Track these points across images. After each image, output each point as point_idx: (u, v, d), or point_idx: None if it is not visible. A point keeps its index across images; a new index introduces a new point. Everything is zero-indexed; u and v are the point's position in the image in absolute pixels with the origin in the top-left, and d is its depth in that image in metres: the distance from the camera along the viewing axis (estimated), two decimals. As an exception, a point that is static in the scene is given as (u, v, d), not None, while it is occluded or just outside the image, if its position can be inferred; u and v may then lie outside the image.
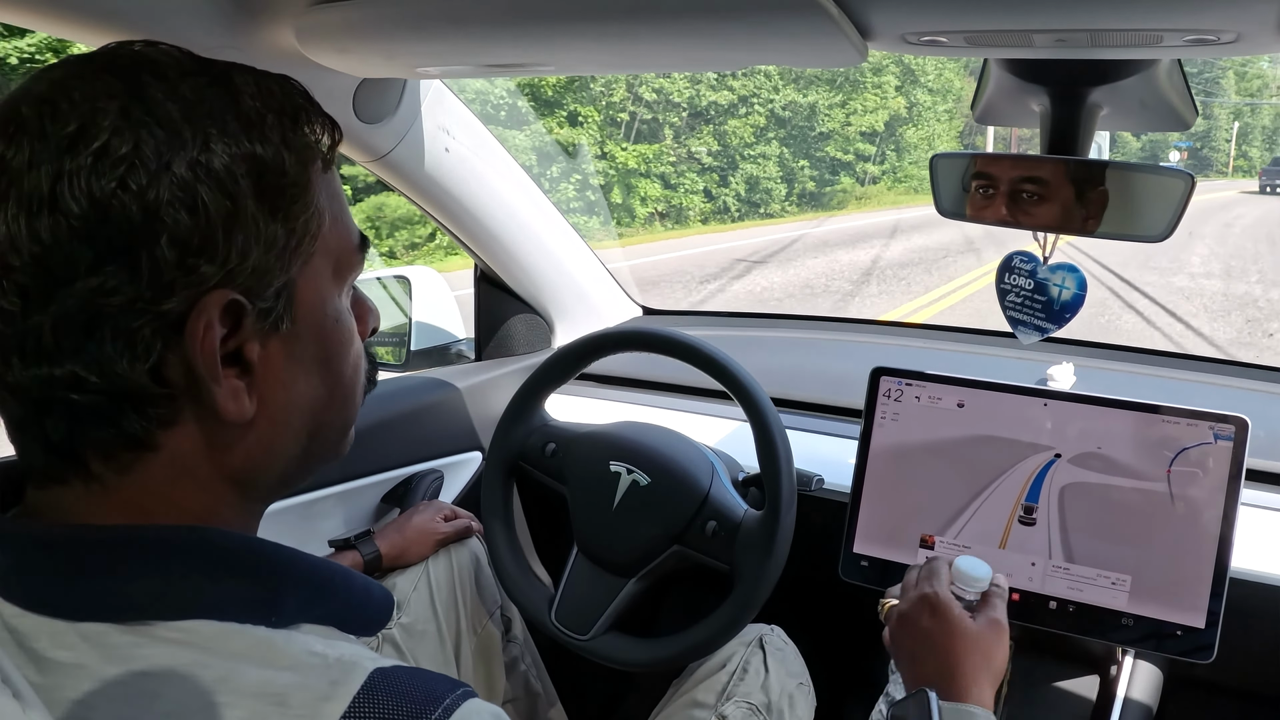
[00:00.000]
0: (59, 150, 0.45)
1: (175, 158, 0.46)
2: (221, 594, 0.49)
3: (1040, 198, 0.95)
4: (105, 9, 0.84)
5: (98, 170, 0.45)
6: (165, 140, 0.46)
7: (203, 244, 0.47)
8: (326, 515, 1.30)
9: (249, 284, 0.49)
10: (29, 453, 0.50)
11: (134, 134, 0.45)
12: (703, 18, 0.75)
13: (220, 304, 0.48)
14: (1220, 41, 0.68)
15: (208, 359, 0.48)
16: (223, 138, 0.48)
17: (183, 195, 0.46)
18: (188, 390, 0.49)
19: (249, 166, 0.48)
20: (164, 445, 0.50)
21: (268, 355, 0.52)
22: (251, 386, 0.51)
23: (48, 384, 0.47)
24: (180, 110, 0.47)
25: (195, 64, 0.51)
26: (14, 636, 0.47)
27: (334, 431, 0.59)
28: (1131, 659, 1.14)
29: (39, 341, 0.46)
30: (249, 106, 0.50)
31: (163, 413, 0.49)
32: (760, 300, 10.06)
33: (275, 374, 0.52)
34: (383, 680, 0.48)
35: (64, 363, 0.46)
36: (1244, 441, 1.05)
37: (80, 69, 0.48)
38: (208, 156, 0.47)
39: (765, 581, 1.07)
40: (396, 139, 1.24)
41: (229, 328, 0.49)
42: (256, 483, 0.55)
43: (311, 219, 0.52)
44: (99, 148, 0.45)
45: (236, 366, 0.50)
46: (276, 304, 0.51)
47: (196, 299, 0.47)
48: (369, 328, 0.63)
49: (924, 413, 1.20)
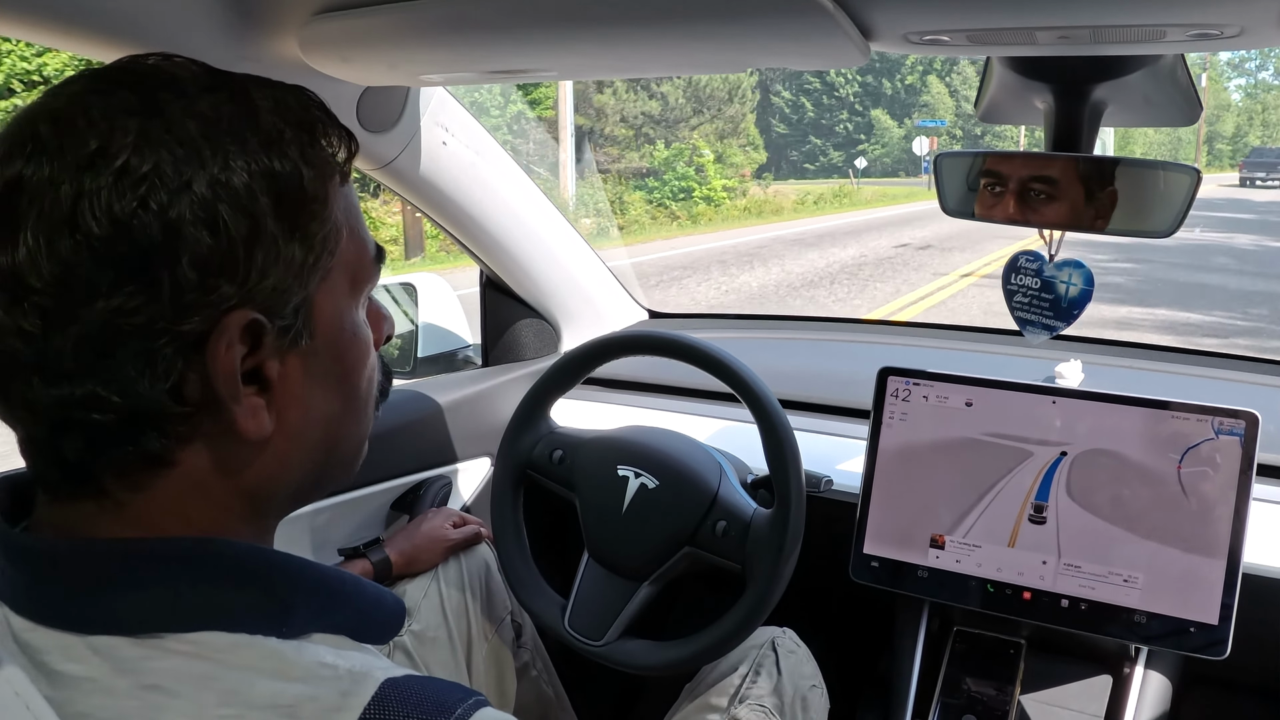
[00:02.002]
0: (79, 169, 0.44)
1: (195, 176, 0.46)
2: (231, 605, 0.49)
3: (1049, 196, 0.95)
4: (107, 22, 0.84)
5: (118, 189, 0.44)
6: (185, 159, 0.46)
7: (224, 263, 0.46)
8: (335, 523, 1.30)
9: (269, 302, 0.49)
10: (44, 470, 0.50)
11: (154, 152, 0.45)
12: (703, 20, 0.75)
13: (241, 323, 0.48)
14: (1223, 36, 0.67)
15: (228, 378, 0.48)
16: (242, 155, 0.47)
17: (204, 214, 0.46)
18: (206, 408, 0.48)
19: (268, 184, 0.48)
20: (180, 462, 0.49)
21: (286, 372, 0.51)
22: (270, 404, 0.51)
23: (68, 404, 0.46)
24: (199, 128, 0.47)
25: (212, 79, 0.50)
26: (25, 650, 0.47)
27: (350, 446, 0.59)
28: (1144, 656, 1.14)
29: (60, 362, 0.45)
30: (267, 122, 0.50)
31: (181, 430, 0.48)
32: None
33: (294, 391, 0.52)
34: (394, 690, 0.48)
35: (84, 383, 0.46)
36: (1254, 436, 1.04)
37: (96, 84, 0.48)
38: (228, 175, 0.47)
39: (777, 580, 1.07)
40: (401, 146, 1.24)
41: (249, 346, 0.49)
42: (271, 498, 0.55)
43: (330, 235, 0.52)
44: (120, 167, 0.44)
45: (256, 384, 0.50)
46: (295, 321, 0.51)
47: (218, 319, 0.47)
48: (383, 334, 0.63)
49: (932, 412, 1.20)
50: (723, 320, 1.97)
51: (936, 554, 1.17)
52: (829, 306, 9.16)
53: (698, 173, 20.36)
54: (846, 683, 1.32)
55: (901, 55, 0.91)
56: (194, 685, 0.45)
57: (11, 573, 0.49)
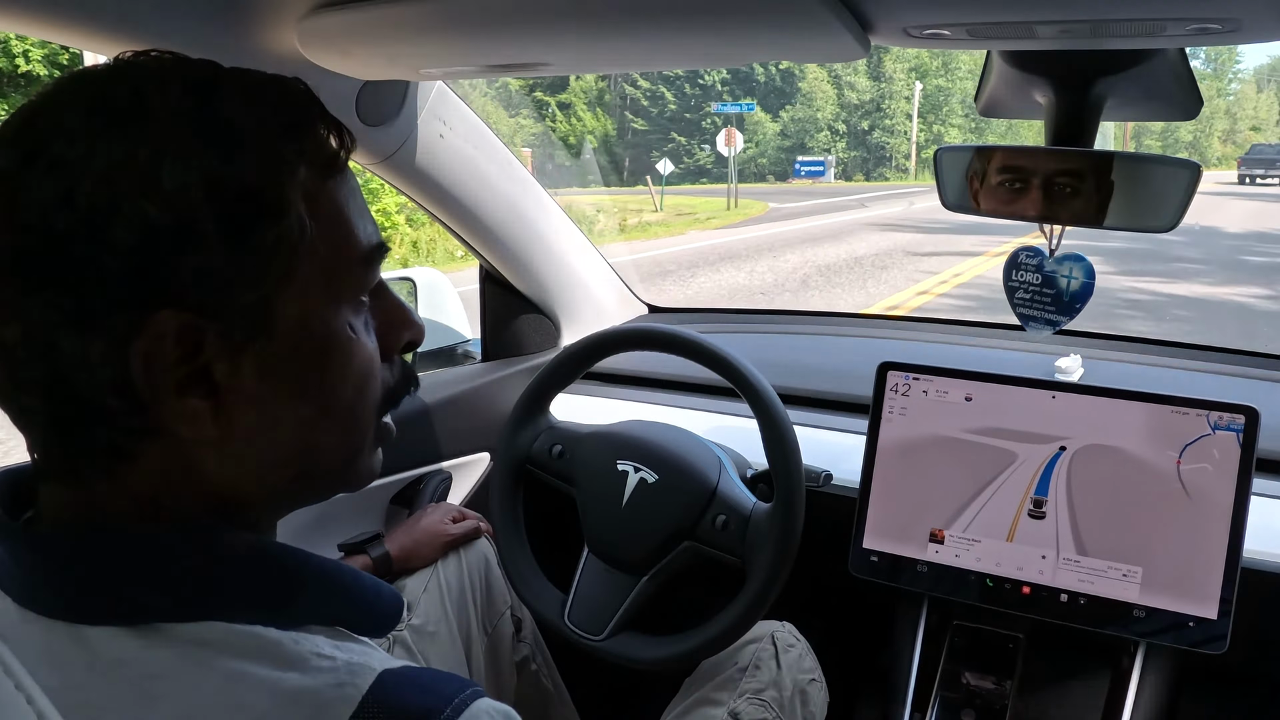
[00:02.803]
0: (19, 164, 0.45)
1: (126, 174, 0.45)
2: (230, 596, 0.49)
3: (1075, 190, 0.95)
4: (105, 17, 0.84)
5: (49, 184, 0.45)
6: (122, 155, 0.45)
7: (146, 264, 0.45)
8: (335, 518, 1.30)
9: (206, 304, 0.47)
10: (38, 458, 0.51)
11: (87, 146, 0.45)
12: (704, 14, 0.75)
13: (171, 325, 0.46)
14: (1223, 30, 0.67)
15: (152, 380, 0.47)
16: (184, 154, 0.46)
17: (130, 213, 0.45)
18: (153, 405, 0.48)
19: (209, 183, 0.46)
20: (142, 456, 0.49)
21: (239, 375, 0.49)
22: (220, 407, 0.49)
23: (25, 391, 0.47)
24: (141, 123, 0.46)
25: (177, 71, 0.49)
26: (25, 640, 0.47)
27: (332, 454, 0.56)
28: (1144, 651, 1.14)
29: (13, 351, 0.46)
30: (225, 118, 0.48)
31: (131, 424, 0.48)
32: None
33: (247, 393, 0.50)
34: (391, 681, 0.48)
35: (33, 373, 0.46)
36: (1254, 431, 1.04)
37: (71, 82, 0.48)
38: (164, 174, 0.45)
39: (777, 574, 1.07)
40: (400, 141, 1.24)
41: (188, 349, 0.47)
42: (247, 500, 0.53)
43: (287, 234, 0.50)
44: (51, 160, 0.45)
45: (204, 385, 0.49)
46: (243, 323, 0.49)
47: (140, 320, 0.46)
48: (400, 339, 0.59)
49: (932, 407, 1.20)
50: (722, 315, 1.97)
51: (936, 549, 1.17)
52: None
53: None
54: (846, 677, 1.32)
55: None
56: (193, 675, 0.46)
57: (11, 564, 0.49)
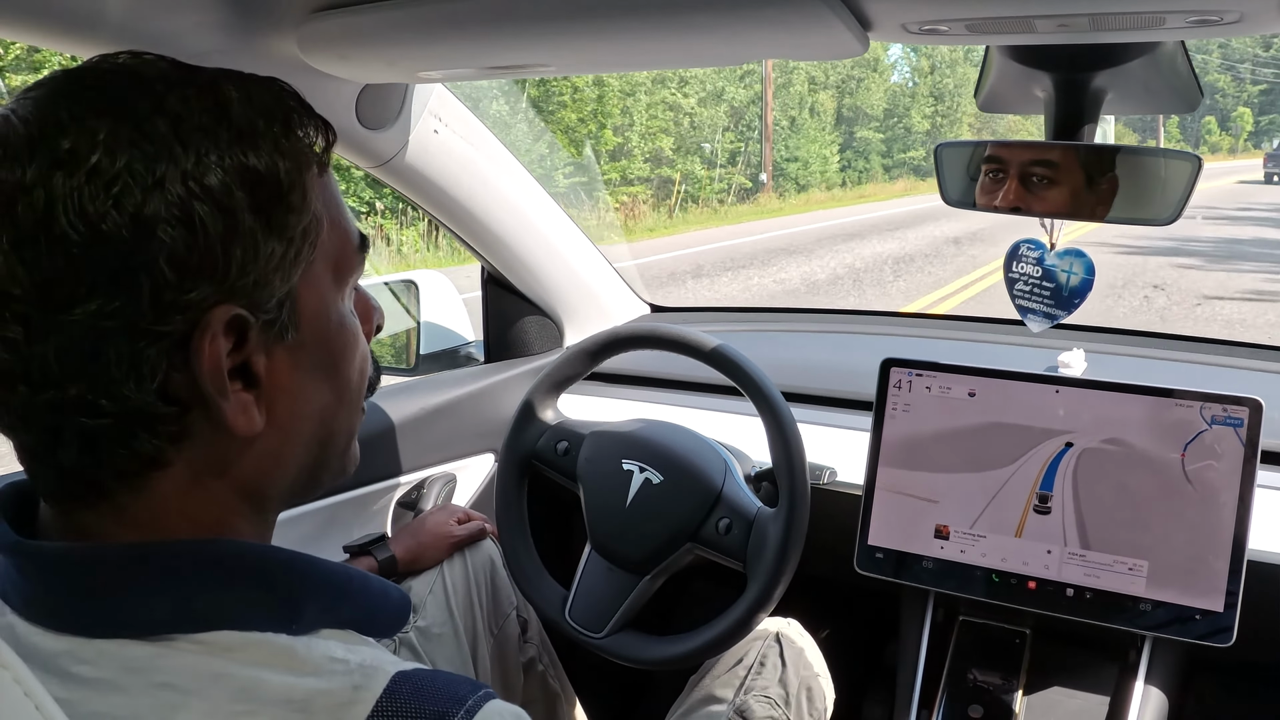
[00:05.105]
0: (50, 173, 0.44)
1: (169, 174, 0.45)
2: (241, 604, 0.49)
3: (1051, 182, 0.95)
4: (102, 22, 0.84)
5: (91, 191, 0.44)
6: (156, 157, 0.45)
7: (202, 261, 0.46)
8: (340, 521, 1.30)
9: (251, 297, 0.49)
10: (43, 478, 0.50)
11: (125, 152, 0.45)
12: (702, 12, 0.75)
13: (224, 320, 0.47)
14: (1223, 22, 0.67)
15: (214, 376, 0.48)
16: (215, 150, 0.47)
17: (179, 213, 0.45)
18: (195, 407, 0.48)
19: (243, 179, 0.48)
20: (175, 462, 0.49)
21: (274, 367, 0.51)
22: (259, 398, 0.51)
23: (57, 410, 0.46)
24: (169, 125, 0.46)
25: (180, 74, 0.50)
26: (37, 655, 0.47)
27: (343, 438, 0.59)
28: (1150, 644, 1.14)
29: (45, 368, 0.45)
30: (239, 116, 0.49)
31: (172, 430, 0.48)
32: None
33: (283, 384, 0.52)
34: (405, 683, 0.48)
35: (71, 388, 0.45)
36: (1258, 423, 1.04)
37: (65, 86, 0.47)
38: (201, 171, 0.46)
39: (779, 579, 1.07)
40: (400, 144, 1.24)
41: (234, 342, 0.49)
42: (268, 493, 0.55)
43: (310, 227, 0.52)
44: (91, 168, 0.44)
45: (243, 379, 0.50)
46: (280, 315, 0.51)
47: (199, 317, 0.47)
48: (373, 325, 0.62)
49: (935, 403, 1.20)
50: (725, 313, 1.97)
51: (941, 544, 1.17)
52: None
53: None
54: (852, 673, 1.32)
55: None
56: (207, 683, 0.46)
57: (19, 579, 0.49)
